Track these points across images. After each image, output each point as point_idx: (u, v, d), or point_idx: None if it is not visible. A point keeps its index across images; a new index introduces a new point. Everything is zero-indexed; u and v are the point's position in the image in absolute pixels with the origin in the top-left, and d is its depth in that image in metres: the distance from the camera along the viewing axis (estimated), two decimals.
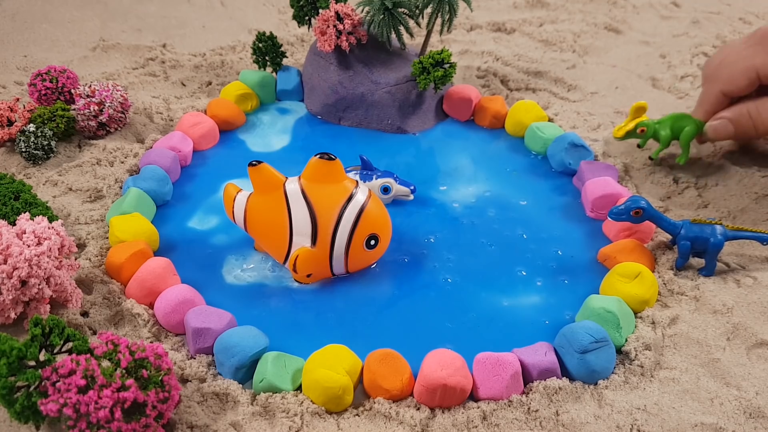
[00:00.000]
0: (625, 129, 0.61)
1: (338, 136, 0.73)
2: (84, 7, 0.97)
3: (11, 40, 0.88)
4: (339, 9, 0.69)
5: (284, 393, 0.45)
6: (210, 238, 0.59)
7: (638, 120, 0.61)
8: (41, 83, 0.69)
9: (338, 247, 0.52)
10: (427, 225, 0.61)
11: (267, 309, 0.53)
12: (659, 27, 0.97)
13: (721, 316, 0.52)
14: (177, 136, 0.68)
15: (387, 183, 0.61)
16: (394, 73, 0.71)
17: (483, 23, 0.97)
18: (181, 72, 0.83)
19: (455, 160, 0.70)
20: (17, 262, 0.46)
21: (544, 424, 0.44)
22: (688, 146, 0.64)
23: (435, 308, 0.53)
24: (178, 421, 0.43)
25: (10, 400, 0.39)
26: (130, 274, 0.53)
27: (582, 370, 0.47)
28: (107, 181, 0.64)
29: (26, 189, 0.57)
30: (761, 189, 0.64)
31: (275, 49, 0.76)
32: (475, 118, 0.75)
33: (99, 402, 0.38)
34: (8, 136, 0.66)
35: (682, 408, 0.45)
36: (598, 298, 0.51)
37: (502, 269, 0.57)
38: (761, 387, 0.47)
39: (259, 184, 0.53)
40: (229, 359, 0.46)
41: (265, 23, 0.96)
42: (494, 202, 0.64)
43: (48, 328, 0.41)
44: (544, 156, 0.70)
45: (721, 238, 0.54)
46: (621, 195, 0.60)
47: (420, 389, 0.45)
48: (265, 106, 0.77)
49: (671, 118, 0.64)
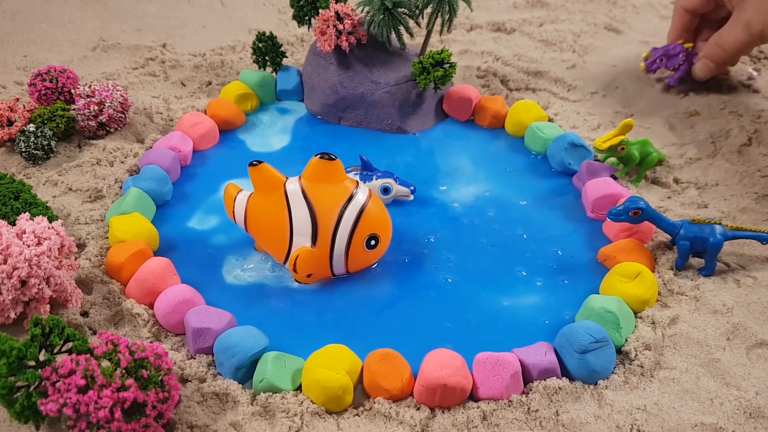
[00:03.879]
0: (609, 143, 0.62)
1: (338, 136, 0.73)
2: (84, 7, 0.97)
3: (11, 40, 0.88)
4: (339, 9, 0.69)
5: (284, 393, 0.45)
6: (210, 238, 0.59)
7: (622, 137, 0.62)
8: (41, 83, 0.69)
9: (338, 247, 0.52)
10: (427, 225, 0.61)
11: (267, 309, 0.53)
12: (659, 27, 0.97)
13: (721, 316, 0.52)
14: (177, 136, 0.68)
15: (387, 183, 0.61)
16: (394, 73, 0.71)
17: (483, 23, 0.97)
18: (181, 72, 0.83)
19: (455, 160, 0.70)
20: (17, 262, 0.46)
21: (544, 424, 0.44)
22: (645, 172, 0.66)
23: (435, 308, 0.53)
24: (178, 421, 0.43)
25: (10, 400, 0.39)
26: (130, 274, 0.53)
27: (582, 370, 0.47)
28: (107, 181, 0.64)
29: (26, 189, 0.57)
30: (761, 189, 0.64)
31: (275, 49, 0.76)
32: (475, 118, 0.75)
33: (99, 402, 0.38)
34: (8, 136, 0.66)
35: (682, 408, 0.45)
36: (598, 298, 0.51)
37: (502, 269, 0.57)
38: (761, 387, 0.47)
39: (259, 184, 0.53)
40: (229, 359, 0.46)
41: (265, 23, 0.96)
42: (494, 202, 0.64)
43: (48, 328, 0.41)
44: (544, 156, 0.70)
45: (721, 238, 0.54)
46: (621, 195, 0.60)
47: (420, 389, 0.45)
48: (265, 106, 0.77)
49: (640, 142, 0.65)
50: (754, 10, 0.70)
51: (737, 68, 0.85)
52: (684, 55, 0.77)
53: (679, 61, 0.77)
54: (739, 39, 0.72)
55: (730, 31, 0.73)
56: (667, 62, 0.77)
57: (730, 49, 0.73)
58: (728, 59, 0.75)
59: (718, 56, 0.75)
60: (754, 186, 0.64)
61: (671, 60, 0.77)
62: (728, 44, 0.73)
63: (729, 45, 0.73)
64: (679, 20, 0.80)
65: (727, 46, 0.73)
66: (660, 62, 0.78)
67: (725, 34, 0.74)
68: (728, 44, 0.73)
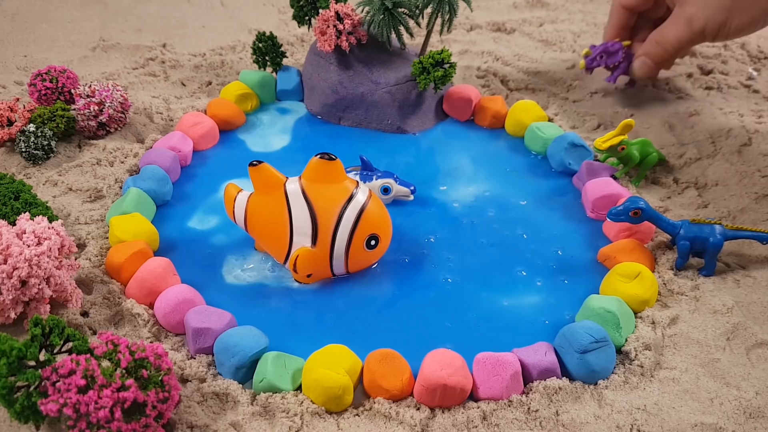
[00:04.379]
0: (609, 142, 0.62)
1: (338, 136, 0.73)
2: (84, 7, 0.97)
3: (11, 40, 0.88)
4: (339, 9, 0.69)
5: (284, 393, 0.45)
6: (210, 238, 0.59)
7: (622, 137, 0.62)
8: (41, 83, 0.69)
9: (338, 247, 0.52)
10: (427, 225, 0.61)
11: (267, 309, 0.53)
12: None
13: (721, 316, 0.52)
14: (177, 136, 0.68)
15: (387, 183, 0.61)
16: (394, 73, 0.71)
17: (483, 23, 0.97)
18: (181, 72, 0.83)
19: (455, 160, 0.70)
20: (17, 262, 0.46)
21: (544, 424, 0.44)
22: (645, 172, 0.66)
23: (435, 308, 0.53)
24: (178, 421, 0.43)
25: (10, 400, 0.39)
26: (130, 274, 0.53)
27: (582, 370, 0.47)
28: (107, 181, 0.64)
29: (26, 189, 0.57)
30: (761, 189, 0.64)
31: (275, 49, 0.77)
32: (475, 118, 0.75)
33: (99, 402, 0.38)
34: (8, 136, 0.66)
35: (682, 408, 0.45)
36: (598, 298, 0.51)
37: (502, 269, 0.57)
38: (761, 387, 0.47)
39: (259, 184, 0.53)
40: (229, 359, 0.46)
41: (265, 23, 0.96)
42: (494, 201, 0.64)
43: (48, 328, 0.41)
44: (544, 156, 0.70)
45: (720, 238, 0.54)
46: (621, 195, 0.60)
47: (420, 389, 0.45)
48: (265, 106, 0.77)
49: (640, 142, 0.65)
50: (697, 6, 0.67)
51: (737, 68, 0.85)
52: (623, 53, 0.75)
53: (619, 58, 0.75)
54: (681, 36, 0.69)
55: (671, 27, 0.70)
56: (607, 60, 0.75)
57: (670, 47, 0.70)
58: (668, 57, 0.72)
59: (657, 54, 0.72)
60: (754, 186, 0.64)
61: (611, 57, 0.75)
62: (669, 41, 0.70)
63: (669, 42, 0.70)
64: (616, 18, 0.76)
65: (667, 43, 0.70)
66: (600, 59, 0.75)
67: (666, 30, 0.70)
68: (669, 41, 0.70)
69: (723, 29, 0.67)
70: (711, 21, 0.66)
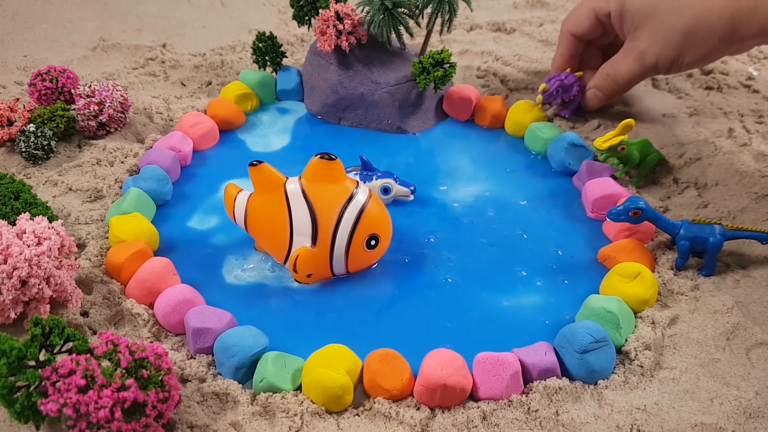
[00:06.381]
0: (609, 142, 0.62)
1: (338, 136, 0.73)
2: (84, 7, 0.97)
3: (11, 40, 0.88)
4: (339, 9, 0.69)
5: (284, 393, 0.45)
6: (210, 238, 0.59)
7: (622, 137, 0.62)
8: (41, 83, 0.69)
9: (338, 247, 0.52)
10: (427, 225, 0.61)
11: (267, 309, 0.53)
12: None
13: (721, 316, 0.52)
14: (177, 136, 0.68)
15: (387, 183, 0.61)
16: (394, 73, 0.71)
17: (483, 23, 0.97)
18: (181, 72, 0.83)
19: (455, 160, 0.70)
20: (17, 262, 0.46)
21: (544, 424, 0.44)
22: (646, 172, 0.66)
23: (435, 308, 0.53)
24: (178, 421, 0.43)
25: (10, 400, 0.39)
26: (130, 274, 0.53)
27: (582, 370, 0.47)
28: (107, 181, 0.64)
29: (26, 189, 0.57)
30: (761, 189, 0.64)
31: (275, 49, 0.76)
32: (475, 118, 0.75)
33: (99, 402, 0.38)
34: (8, 136, 0.66)
35: (682, 408, 0.45)
36: (598, 298, 0.51)
37: (502, 269, 0.57)
38: (761, 387, 0.47)
39: (259, 184, 0.53)
40: (229, 359, 0.46)
41: (265, 23, 0.96)
42: (494, 201, 0.64)
43: (48, 328, 0.41)
44: (544, 156, 0.70)
45: (720, 238, 0.54)
46: (621, 195, 0.60)
47: (420, 389, 0.45)
48: (265, 106, 0.77)
49: (640, 142, 0.65)
50: (649, 41, 0.66)
51: (737, 68, 0.85)
52: (578, 87, 0.73)
53: (574, 92, 0.73)
54: (632, 70, 0.68)
55: (622, 61, 0.69)
56: (563, 94, 0.73)
57: (621, 80, 0.69)
58: (619, 90, 0.71)
59: (608, 87, 0.71)
60: (754, 186, 0.64)
61: (566, 92, 0.72)
62: (620, 75, 0.69)
63: (620, 76, 0.69)
64: (565, 46, 0.74)
65: (618, 77, 0.69)
66: (557, 94, 0.72)
67: (617, 64, 0.69)
68: (620, 75, 0.69)
69: (675, 64, 0.66)
70: (663, 57, 0.66)
